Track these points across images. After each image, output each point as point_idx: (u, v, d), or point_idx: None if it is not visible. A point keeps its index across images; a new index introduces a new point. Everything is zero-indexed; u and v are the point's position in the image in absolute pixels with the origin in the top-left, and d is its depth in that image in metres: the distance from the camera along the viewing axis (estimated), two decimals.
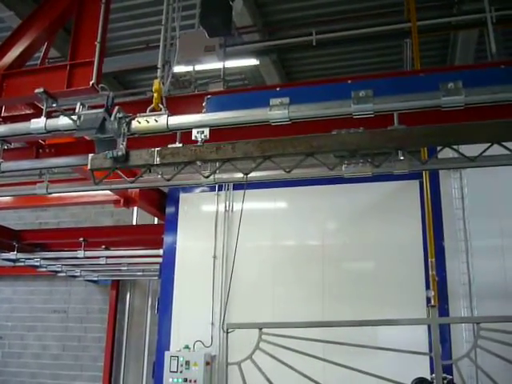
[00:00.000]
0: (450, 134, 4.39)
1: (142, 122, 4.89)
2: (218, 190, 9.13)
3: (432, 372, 7.15)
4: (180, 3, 5.30)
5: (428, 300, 7.42)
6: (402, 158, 5.26)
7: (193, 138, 4.82)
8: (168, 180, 5.37)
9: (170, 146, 4.94)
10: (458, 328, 7.34)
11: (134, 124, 4.91)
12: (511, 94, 4.22)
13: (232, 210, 8.99)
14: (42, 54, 6.00)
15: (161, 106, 4.93)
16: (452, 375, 6.82)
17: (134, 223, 13.12)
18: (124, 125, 4.87)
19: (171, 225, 9.46)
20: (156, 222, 11.79)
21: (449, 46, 9.59)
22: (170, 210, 9.60)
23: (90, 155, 5.08)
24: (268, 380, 5.10)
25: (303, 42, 8.86)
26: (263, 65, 9.73)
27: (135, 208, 12.25)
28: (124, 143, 4.88)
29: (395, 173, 5.36)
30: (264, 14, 9.03)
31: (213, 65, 7.88)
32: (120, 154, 4.87)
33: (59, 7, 5.55)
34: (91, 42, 5.08)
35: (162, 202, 9.75)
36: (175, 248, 9.27)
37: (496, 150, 4.63)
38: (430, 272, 7.31)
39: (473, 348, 4.90)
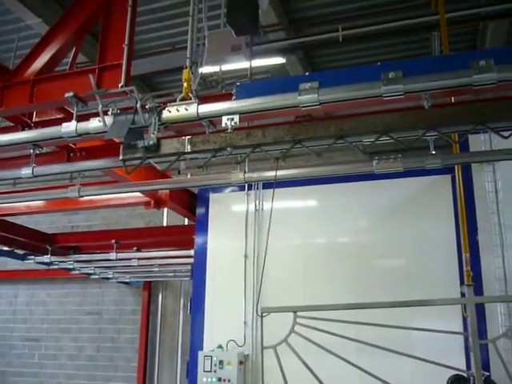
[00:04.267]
0: (484, 111, 4.28)
1: (173, 111, 4.90)
2: (248, 190, 9.12)
3: (468, 369, 7.05)
4: (206, 3, 5.29)
5: (462, 295, 7.31)
6: (433, 152, 5.19)
7: (223, 125, 4.82)
8: (200, 167, 5.37)
9: None
10: (493, 315, 7.20)
11: (165, 113, 4.93)
12: None
13: (262, 209, 8.94)
14: (71, 58, 6.05)
15: (191, 95, 4.92)
16: (489, 372, 6.73)
17: (165, 224, 13.22)
18: (155, 114, 4.90)
19: (202, 225, 9.48)
20: (186, 223, 11.86)
21: (478, 38, 9.41)
22: (200, 210, 9.61)
23: (121, 145, 5.14)
24: (304, 363, 5.08)
25: (329, 39, 8.76)
26: (290, 63, 9.69)
27: (165, 209, 12.31)
28: (155, 132, 4.92)
29: (427, 167, 5.27)
30: (289, 12, 8.96)
31: (239, 64, 7.85)
32: (151, 143, 4.94)
33: (86, 12, 5.61)
34: (119, 45, 5.11)
35: (192, 202, 9.78)
36: (206, 248, 9.28)
37: None
38: (465, 267, 7.15)
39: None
